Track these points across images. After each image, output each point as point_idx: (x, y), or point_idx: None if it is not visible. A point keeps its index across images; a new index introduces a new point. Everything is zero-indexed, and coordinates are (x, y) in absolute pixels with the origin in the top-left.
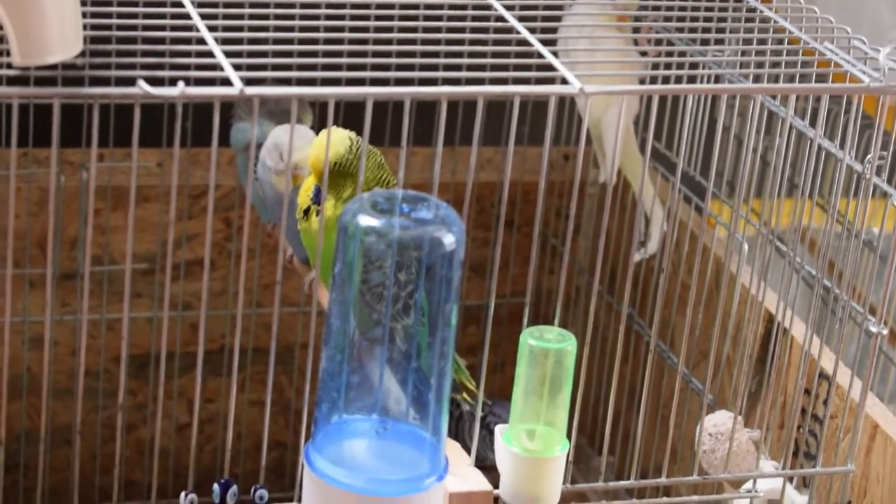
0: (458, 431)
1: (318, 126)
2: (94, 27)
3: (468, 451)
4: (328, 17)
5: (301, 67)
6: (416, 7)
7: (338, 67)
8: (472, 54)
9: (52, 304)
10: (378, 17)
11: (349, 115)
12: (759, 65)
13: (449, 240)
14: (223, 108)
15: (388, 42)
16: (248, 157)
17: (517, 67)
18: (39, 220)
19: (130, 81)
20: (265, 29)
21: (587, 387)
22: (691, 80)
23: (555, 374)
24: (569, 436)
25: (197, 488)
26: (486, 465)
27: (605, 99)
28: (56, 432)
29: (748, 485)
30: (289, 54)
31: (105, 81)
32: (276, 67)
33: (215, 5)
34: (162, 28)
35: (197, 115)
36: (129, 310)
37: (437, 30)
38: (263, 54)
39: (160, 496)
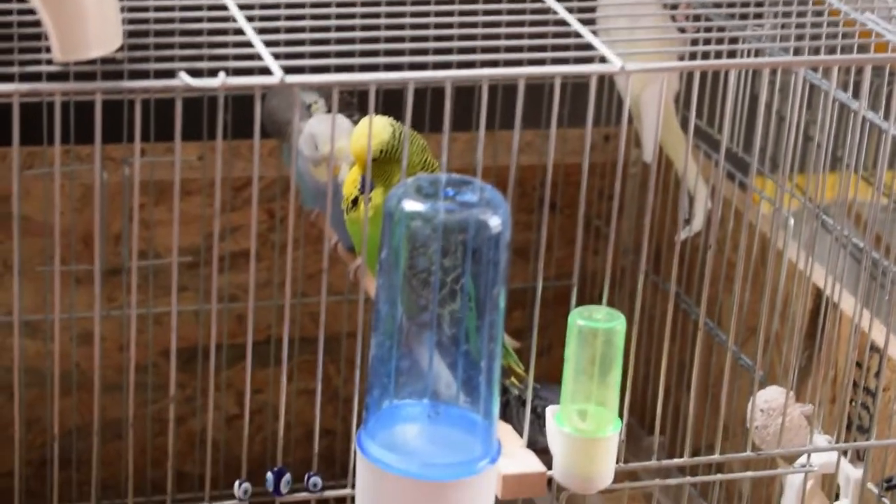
0: (507, 417)
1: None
2: (131, 21)
3: (519, 434)
4: (364, 4)
5: (339, 55)
6: None
7: (375, 53)
8: (509, 36)
9: (100, 299)
10: (414, 2)
11: (387, 102)
12: (800, 38)
13: (495, 222)
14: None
15: (426, 27)
16: (291, 145)
17: (555, 48)
18: (83, 217)
19: (170, 74)
20: (301, 17)
21: (636, 366)
22: (731, 55)
23: (605, 354)
24: (620, 415)
25: (248, 478)
26: (537, 449)
27: (643, 77)
28: (106, 427)
29: (802, 459)
30: (326, 42)
31: (144, 75)
32: (314, 55)
33: None
34: (199, 20)
35: (236, 107)
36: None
37: (474, 13)
38: (301, 42)
39: (212, 487)
